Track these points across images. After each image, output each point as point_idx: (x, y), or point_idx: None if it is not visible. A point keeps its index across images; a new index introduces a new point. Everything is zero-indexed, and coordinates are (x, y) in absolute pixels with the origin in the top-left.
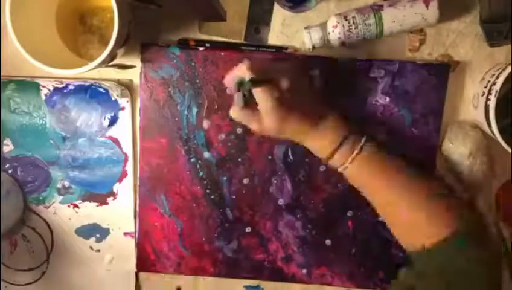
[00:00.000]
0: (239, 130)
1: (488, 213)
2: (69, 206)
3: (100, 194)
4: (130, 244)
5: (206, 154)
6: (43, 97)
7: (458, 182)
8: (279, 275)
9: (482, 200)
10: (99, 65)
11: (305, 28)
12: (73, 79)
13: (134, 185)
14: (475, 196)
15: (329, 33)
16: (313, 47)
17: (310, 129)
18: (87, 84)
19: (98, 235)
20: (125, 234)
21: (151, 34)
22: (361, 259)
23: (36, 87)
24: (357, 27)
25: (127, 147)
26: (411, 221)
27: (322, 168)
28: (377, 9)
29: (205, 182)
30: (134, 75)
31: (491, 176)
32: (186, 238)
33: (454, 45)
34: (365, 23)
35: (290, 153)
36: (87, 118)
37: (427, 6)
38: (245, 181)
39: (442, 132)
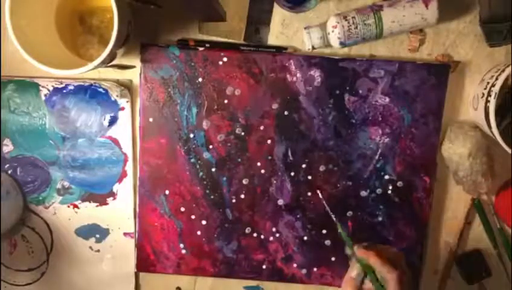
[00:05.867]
0: (238, 130)
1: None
2: (68, 206)
3: (100, 195)
4: (130, 245)
5: (206, 155)
6: (43, 97)
7: (458, 182)
8: (278, 276)
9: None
10: (99, 65)
11: (305, 28)
12: (73, 79)
13: (134, 186)
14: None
15: (328, 33)
16: (313, 47)
17: None
18: (86, 84)
19: (97, 236)
20: (125, 234)
21: (151, 34)
22: None
23: (36, 87)
24: (356, 27)
25: (127, 147)
26: None
27: (322, 168)
28: (376, 9)
29: (205, 182)
30: (134, 75)
31: (491, 176)
32: (186, 239)
33: (454, 45)
34: (365, 23)
35: (290, 153)
36: (86, 118)
37: (426, 6)
38: (245, 181)
39: (442, 132)
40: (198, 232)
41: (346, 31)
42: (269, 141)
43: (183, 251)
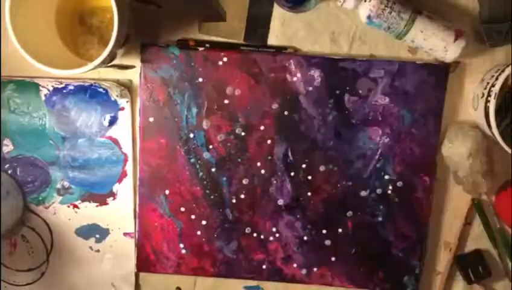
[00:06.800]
0: (238, 130)
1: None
2: (68, 206)
3: (100, 195)
4: (130, 245)
5: (206, 155)
6: (43, 97)
7: (458, 182)
8: (278, 276)
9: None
10: (99, 65)
11: None
12: (73, 79)
13: (134, 186)
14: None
15: (365, 0)
16: (343, 2)
17: None
18: (86, 84)
19: (97, 236)
20: (125, 234)
21: (151, 34)
22: (361, 259)
23: (36, 87)
24: (390, 12)
25: (127, 147)
26: None
27: (322, 168)
28: (416, 11)
29: (205, 182)
30: (134, 75)
31: (491, 176)
32: (186, 239)
33: None
34: (399, 15)
35: (290, 153)
36: (86, 118)
37: (455, 40)
38: (245, 181)
39: (441, 132)
40: (198, 232)
41: (380, 9)
42: (269, 141)
43: (183, 251)
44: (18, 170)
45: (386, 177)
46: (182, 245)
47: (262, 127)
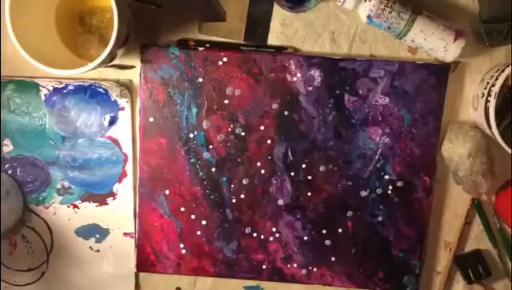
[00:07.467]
0: (238, 130)
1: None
2: (68, 206)
3: (100, 195)
4: (130, 245)
5: (206, 155)
6: (43, 97)
7: (458, 182)
8: (278, 276)
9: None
10: (99, 65)
11: None
12: (73, 79)
13: (134, 186)
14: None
15: (365, 0)
16: (343, 1)
17: None
18: (86, 84)
19: (97, 236)
20: (125, 234)
21: (151, 35)
22: (361, 259)
23: (36, 87)
24: (390, 12)
25: (127, 147)
26: None
27: (322, 168)
28: (416, 11)
29: (205, 182)
30: (133, 75)
31: (491, 176)
32: (186, 239)
33: None
34: (399, 15)
35: (290, 153)
36: (86, 118)
37: (455, 40)
38: (245, 181)
39: (441, 132)
40: (198, 232)
41: (380, 9)
42: (269, 141)
43: (183, 251)
44: (18, 170)
45: (386, 177)
46: (182, 245)
47: (262, 127)
